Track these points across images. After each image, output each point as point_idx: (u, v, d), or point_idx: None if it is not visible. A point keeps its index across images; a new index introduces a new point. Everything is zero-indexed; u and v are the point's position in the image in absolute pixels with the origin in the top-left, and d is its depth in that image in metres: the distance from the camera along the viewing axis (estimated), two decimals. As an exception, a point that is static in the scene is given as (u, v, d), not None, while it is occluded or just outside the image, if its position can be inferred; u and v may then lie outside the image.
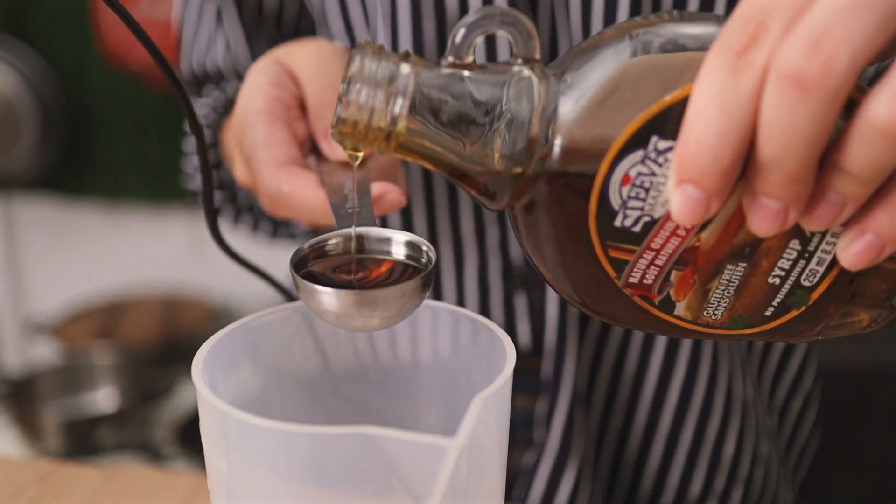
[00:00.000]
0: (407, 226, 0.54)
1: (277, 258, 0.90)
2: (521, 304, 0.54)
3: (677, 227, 0.28)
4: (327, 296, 0.33)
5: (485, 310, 0.54)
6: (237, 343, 0.36)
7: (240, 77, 0.57)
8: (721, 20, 0.28)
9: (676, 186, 0.25)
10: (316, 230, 0.52)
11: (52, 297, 1.72)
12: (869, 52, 0.23)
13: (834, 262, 0.28)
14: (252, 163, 0.41)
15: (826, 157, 0.25)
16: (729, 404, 0.56)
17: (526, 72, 0.29)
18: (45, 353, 1.65)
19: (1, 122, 1.52)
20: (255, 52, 0.57)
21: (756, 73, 0.24)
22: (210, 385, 0.32)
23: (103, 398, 1.48)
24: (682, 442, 0.56)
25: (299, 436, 0.29)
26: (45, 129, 1.55)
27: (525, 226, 0.31)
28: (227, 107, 0.56)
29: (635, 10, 0.47)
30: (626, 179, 0.27)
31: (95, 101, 1.58)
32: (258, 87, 0.41)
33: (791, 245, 0.28)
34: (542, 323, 0.53)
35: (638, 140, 0.27)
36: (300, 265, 0.34)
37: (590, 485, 0.54)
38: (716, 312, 0.29)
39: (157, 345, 1.52)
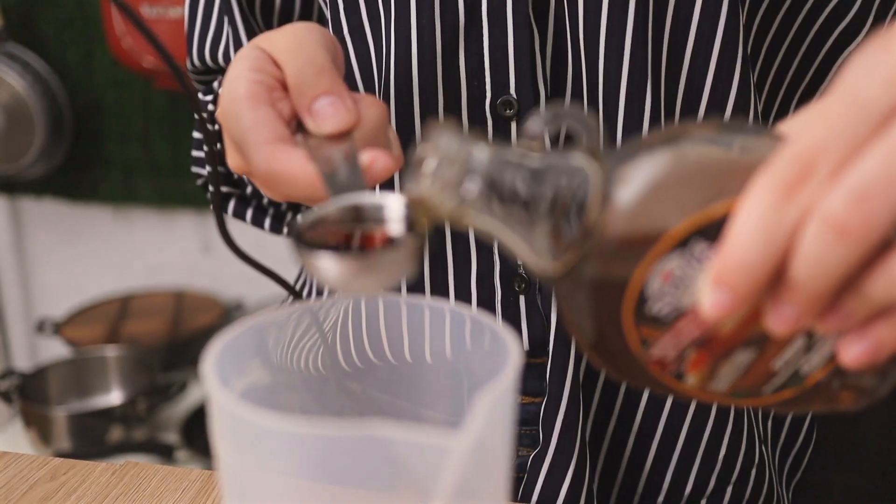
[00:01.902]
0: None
1: (285, 257, 0.91)
2: (523, 306, 0.54)
3: (701, 318, 0.30)
4: (327, 259, 0.34)
5: (487, 311, 0.54)
6: (247, 341, 0.36)
7: None
8: (762, 132, 0.30)
9: (711, 289, 0.28)
10: None
11: (61, 298, 1.73)
12: None
13: (831, 355, 0.31)
14: (242, 147, 0.41)
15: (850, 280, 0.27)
16: (724, 408, 0.56)
17: (587, 163, 0.32)
18: (54, 352, 1.66)
19: (11, 126, 1.53)
20: None
21: (799, 211, 0.27)
22: (220, 383, 0.33)
23: (113, 398, 1.49)
24: (676, 443, 0.56)
25: (310, 436, 0.29)
26: (54, 132, 1.55)
27: (563, 295, 0.33)
28: None
29: (641, 23, 0.48)
30: (666, 276, 0.30)
31: (104, 103, 1.58)
32: (240, 73, 0.42)
33: (797, 340, 0.31)
34: (544, 325, 0.54)
35: (683, 242, 0.30)
36: (299, 234, 0.35)
37: (587, 483, 0.54)
38: (720, 386, 0.32)
39: (166, 344, 1.52)
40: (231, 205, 0.61)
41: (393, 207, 0.36)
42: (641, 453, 0.56)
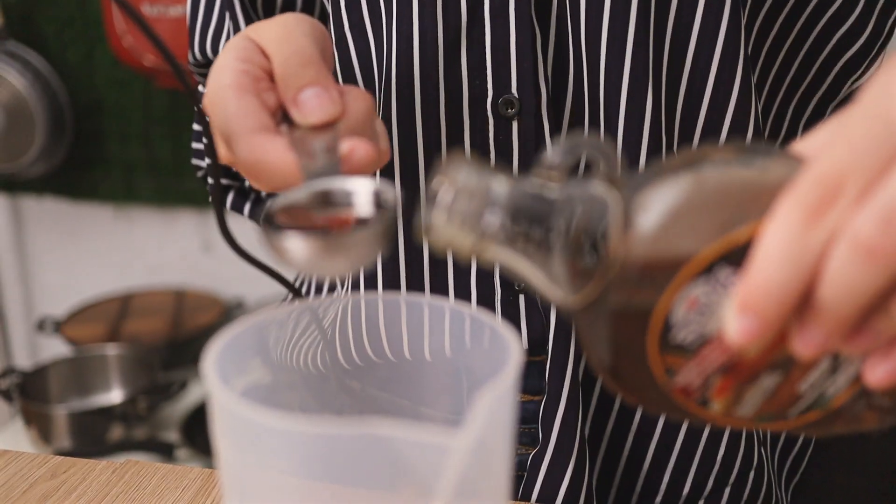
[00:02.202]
0: (410, 222, 0.54)
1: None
2: (523, 305, 0.54)
3: (727, 344, 0.30)
4: (295, 240, 0.34)
5: (487, 309, 0.54)
6: (247, 340, 0.36)
7: None
8: (781, 154, 0.30)
9: (737, 315, 0.28)
10: None
11: (62, 296, 1.73)
12: None
13: (857, 376, 0.30)
14: (227, 136, 0.41)
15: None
16: None
17: (606, 192, 0.32)
18: (55, 351, 1.66)
19: (12, 124, 1.53)
20: None
21: (826, 234, 0.26)
22: (221, 381, 0.33)
23: (113, 396, 1.49)
24: (675, 443, 0.56)
25: (311, 435, 0.29)
26: (54, 131, 1.55)
27: (584, 326, 0.33)
28: None
29: (642, 24, 0.48)
30: (691, 302, 0.30)
31: (104, 102, 1.59)
32: (226, 63, 0.42)
33: (823, 362, 0.30)
34: (543, 324, 0.54)
35: (707, 268, 0.29)
36: (268, 217, 0.36)
37: (587, 481, 0.54)
38: (745, 411, 0.32)
39: (166, 343, 1.52)
40: (230, 198, 0.61)
41: (361, 190, 0.36)
42: (640, 453, 0.56)
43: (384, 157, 0.41)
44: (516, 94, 0.50)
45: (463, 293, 0.54)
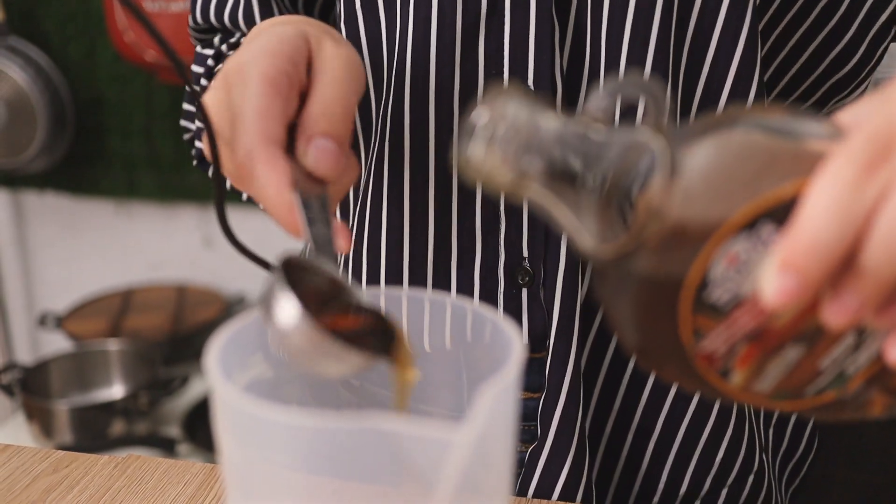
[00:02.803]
0: (420, 213, 0.54)
1: (287, 252, 0.91)
2: (525, 299, 0.54)
3: (760, 306, 0.29)
4: (300, 320, 0.33)
5: (489, 303, 0.54)
6: (249, 335, 0.36)
7: (246, 34, 0.57)
8: (826, 121, 0.29)
9: (777, 273, 0.27)
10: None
11: (63, 292, 1.73)
12: None
13: (877, 355, 0.30)
14: (238, 124, 0.40)
15: None
16: (724, 411, 0.56)
17: (653, 140, 0.30)
18: (56, 346, 1.66)
19: (13, 120, 1.53)
20: (265, 14, 0.57)
21: (879, 189, 0.25)
22: (223, 376, 0.33)
23: (114, 392, 1.49)
24: (673, 443, 0.56)
25: (313, 429, 0.29)
26: (56, 126, 1.55)
27: (611, 281, 0.32)
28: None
29: (664, 29, 0.47)
30: (731, 259, 0.29)
31: (106, 98, 1.58)
32: (273, 49, 0.41)
33: (847, 338, 0.30)
34: (545, 319, 0.54)
35: (749, 224, 0.28)
36: (282, 270, 0.35)
37: (585, 478, 0.54)
38: (764, 385, 0.31)
39: (168, 338, 1.53)
40: (202, 143, 0.60)
41: (371, 306, 0.36)
42: (639, 451, 0.56)
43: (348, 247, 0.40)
44: (532, 87, 0.50)
45: (466, 284, 0.54)
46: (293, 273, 0.35)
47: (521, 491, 0.55)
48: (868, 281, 0.26)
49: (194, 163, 0.64)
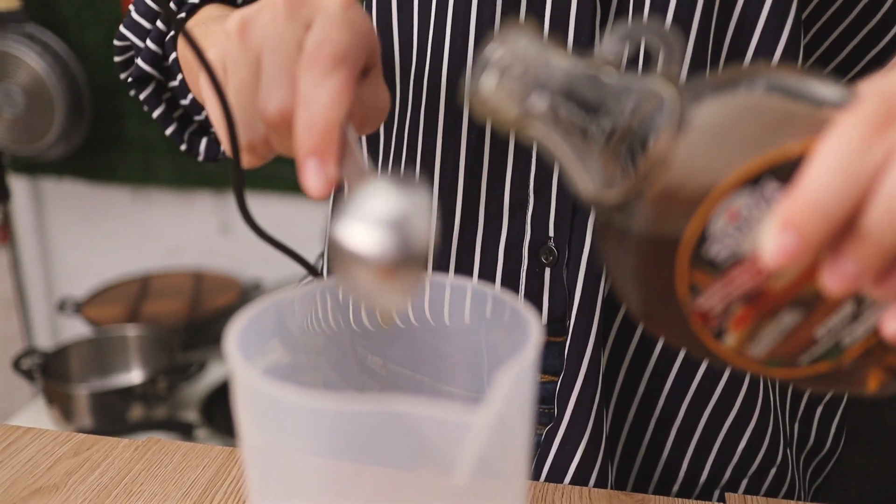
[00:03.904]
0: (450, 189, 0.53)
1: (305, 236, 0.91)
2: (548, 279, 0.54)
3: (759, 266, 0.29)
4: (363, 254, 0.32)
5: (512, 280, 0.54)
6: (268, 319, 0.37)
7: None
8: (839, 84, 0.29)
9: (777, 232, 0.26)
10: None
11: (81, 278, 1.75)
12: None
13: (874, 328, 0.29)
14: (301, 56, 0.35)
15: None
16: (748, 402, 0.56)
17: (664, 89, 0.30)
18: (75, 331, 1.68)
19: (31, 108, 1.54)
20: None
21: (887, 150, 0.25)
22: (244, 359, 0.33)
23: (132, 376, 1.50)
24: (695, 431, 0.56)
25: (332, 412, 0.30)
26: (73, 114, 1.56)
27: (612, 230, 0.31)
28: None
29: (708, 7, 0.47)
30: (731, 214, 0.28)
31: (123, 84, 1.59)
32: (359, 16, 0.37)
33: (845, 306, 0.29)
34: (566, 300, 0.53)
35: (753, 179, 0.28)
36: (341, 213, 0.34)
37: (601, 461, 0.54)
38: (758, 350, 0.31)
39: (185, 324, 1.54)
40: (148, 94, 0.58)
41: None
42: (661, 439, 0.56)
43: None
44: None
45: (489, 261, 0.54)
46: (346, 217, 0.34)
47: (536, 470, 0.55)
48: (869, 246, 0.25)
49: (129, 82, 0.60)
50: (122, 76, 0.61)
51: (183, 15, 0.52)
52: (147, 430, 1.37)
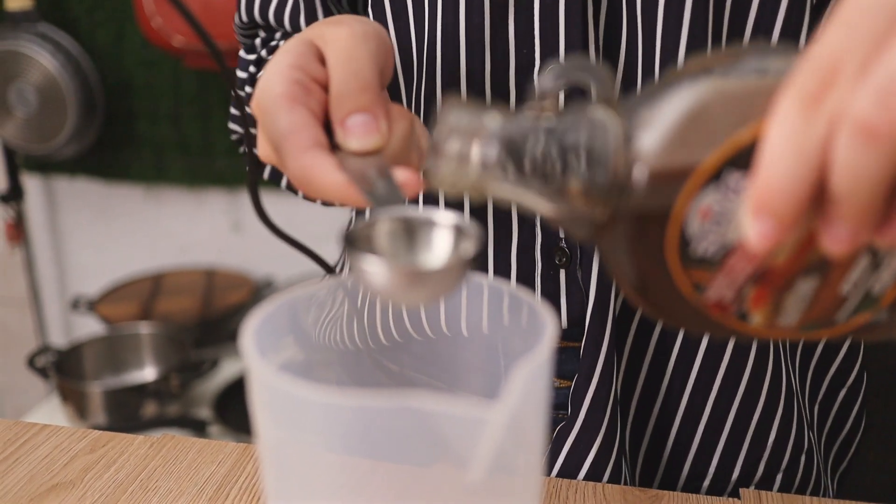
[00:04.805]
0: (456, 198, 0.53)
1: (318, 233, 0.91)
2: (563, 280, 0.54)
3: (750, 251, 0.29)
4: (381, 267, 0.34)
5: (527, 284, 0.54)
6: (283, 316, 0.37)
7: (295, 30, 0.57)
8: (781, 54, 0.29)
9: (752, 219, 0.26)
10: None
11: (95, 276, 1.76)
12: None
13: None
14: (277, 149, 0.41)
15: None
16: (774, 391, 0.55)
17: (604, 114, 0.31)
18: (89, 330, 1.69)
19: (44, 107, 1.55)
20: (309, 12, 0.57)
21: (828, 119, 0.25)
22: (259, 356, 0.33)
23: (146, 374, 1.51)
24: (724, 426, 0.55)
25: (348, 407, 0.30)
26: (86, 113, 1.57)
27: (608, 252, 0.32)
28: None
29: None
30: (705, 213, 0.29)
31: (135, 83, 1.60)
32: (280, 69, 0.41)
33: (861, 259, 0.29)
34: (583, 300, 0.53)
35: (715, 177, 0.28)
36: (351, 243, 0.35)
37: (614, 460, 0.54)
38: (788, 320, 0.31)
39: (198, 321, 1.54)
40: (267, 169, 0.61)
41: (443, 223, 0.36)
42: (686, 438, 0.56)
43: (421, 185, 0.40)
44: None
45: (503, 266, 0.54)
46: (362, 236, 0.36)
47: (548, 467, 0.55)
48: (848, 208, 0.25)
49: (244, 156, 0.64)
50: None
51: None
52: (160, 427, 1.37)
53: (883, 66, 0.24)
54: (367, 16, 0.55)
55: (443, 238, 0.36)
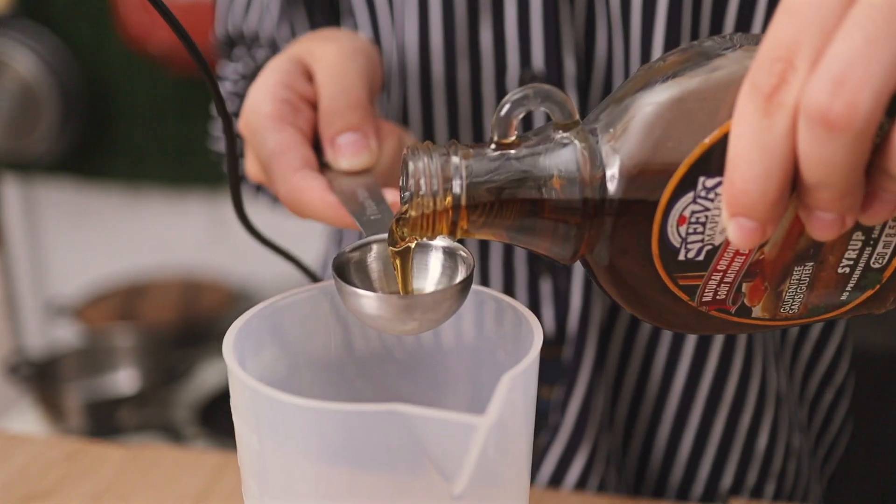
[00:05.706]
0: None
1: (300, 239, 0.91)
2: (545, 289, 0.53)
3: (738, 249, 0.29)
4: (371, 300, 0.33)
5: (509, 294, 0.54)
6: (265, 323, 0.36)
7: (271, 46, 0.57)
8: (740, 46, 0.29)
9: (731, 221, 0.26)
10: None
11: (72, 280, 1.74)
12: (892, 84, 0.24)
13: None
14: (267, 171, 0.41)
15: (873, 160, 0.25)
16: (762, 396, 0.55)
17: (567, 136, 0.31)
18: (66, 334, 1.67)
19: (21, 106, 1.53)
20: (290, 23, 0.56)
21: (788, 112, 0.25)
22: (240, 363, 0.33)
23: (124, 379, 1.49)
24: (713, 433, 0.55)
25: (330, 414, 0.29)
26: (64, 113, 1.55)
27: (596, 270, 0.32)
28: (254, 75, 0.56)
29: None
30: (681, 220, 0.29)
31: (115, 84, 1.58)
32: (267, 88, 0.41)
33: (855, 237, 0.29)
34: (566, 309, 0.53)
35: (687, 183, 0.28)
36: (341, 269, 0.35)
37: (602, 469, 0.54)
38: (792, 308, 0.31)
39: (177, 326, 1.53)
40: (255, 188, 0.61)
41: (436, 248, 0.35)
42: (676, 444, 0.56)
43: None
44: (542, 68, 0.49)
45: (485, 276, 0.54)
46: (352, 261, 0.35)
47: (533, 476, 0.55)
48: (824, 195, 0.25)
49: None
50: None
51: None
52: (138, 434, 1.36)
53: (833, 54, 0.24)
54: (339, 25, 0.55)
55: (436, 262, 0.35)
